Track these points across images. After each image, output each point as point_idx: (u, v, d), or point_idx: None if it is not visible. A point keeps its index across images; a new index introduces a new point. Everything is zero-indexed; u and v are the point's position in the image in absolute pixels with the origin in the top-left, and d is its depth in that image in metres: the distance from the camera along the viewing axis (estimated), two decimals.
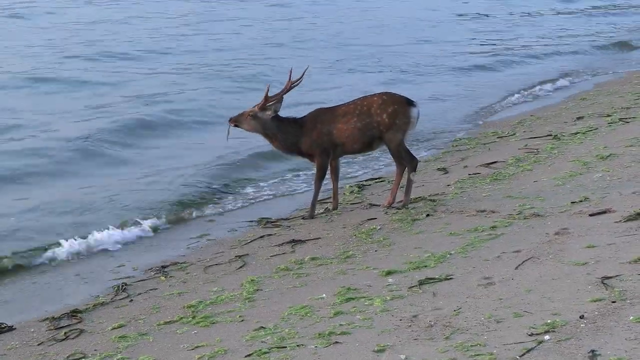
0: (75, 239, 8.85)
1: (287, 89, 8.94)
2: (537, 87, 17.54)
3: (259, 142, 9.93)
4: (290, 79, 8.88)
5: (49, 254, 8.57)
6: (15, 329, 6.83)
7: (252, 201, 10.38)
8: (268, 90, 8.91)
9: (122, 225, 9.31)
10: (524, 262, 6.55)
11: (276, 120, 8.93)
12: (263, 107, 8.89)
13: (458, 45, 23.33)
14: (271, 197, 10.55)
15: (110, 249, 8.82)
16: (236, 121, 8.99)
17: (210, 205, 10.22)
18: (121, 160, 12.33)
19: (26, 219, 9.67)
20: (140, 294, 7.33)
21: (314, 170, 9.23)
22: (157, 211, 9.80)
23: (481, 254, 6.95)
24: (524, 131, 12.47)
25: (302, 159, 9.34)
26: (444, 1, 33.29)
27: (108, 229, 9.15)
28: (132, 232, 9.23)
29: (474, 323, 5.50)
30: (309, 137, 8.92)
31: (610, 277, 5.88)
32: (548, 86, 17.63)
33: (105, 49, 20.89)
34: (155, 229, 9.37)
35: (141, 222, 9.45)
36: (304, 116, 9.07)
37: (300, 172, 11.36)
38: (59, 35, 23.26)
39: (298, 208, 9.68)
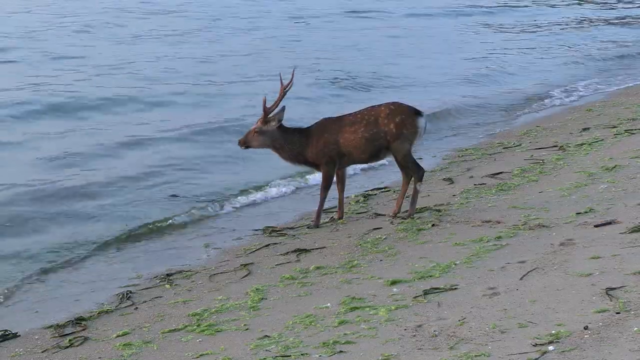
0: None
1: (282, 95, 8.89)
2: None
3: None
4: (282, 84, 8.84)
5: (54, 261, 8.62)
6: (19, 336, 6.85)
7: (258, 209, 10.37)
8: (265, 102, 8.84)
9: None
10: (528, 272, 6.55)
11: (282, 130, 8.91)
12: (265, 120, 8.86)
13: None
14: (276, 205, 10.54)
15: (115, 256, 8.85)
16: (245, 142, 8.93)
17: (215, 213, 10.23)
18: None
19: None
20: (145, 301, 7.34)
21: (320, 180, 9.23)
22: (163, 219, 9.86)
23: (486, 264, 6.95)
24: (530, 142, 12.46)
25: (309, 168, 9.34)
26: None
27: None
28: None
29: (479, 333, 5.51)
30: (315, 147, 8.90)
31: (615, 288, 5.89)
32: None
33: None
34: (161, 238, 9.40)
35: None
36: (310, 126, 9.05)
37: (307, 182, 11.35)
38: None
39: (303, 217, 9.68)
